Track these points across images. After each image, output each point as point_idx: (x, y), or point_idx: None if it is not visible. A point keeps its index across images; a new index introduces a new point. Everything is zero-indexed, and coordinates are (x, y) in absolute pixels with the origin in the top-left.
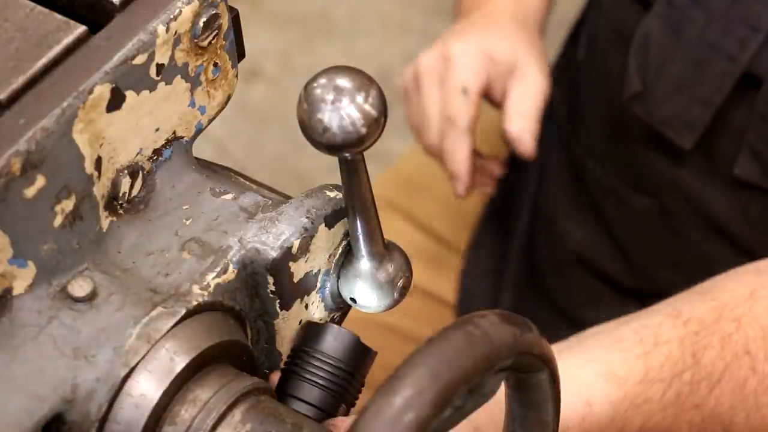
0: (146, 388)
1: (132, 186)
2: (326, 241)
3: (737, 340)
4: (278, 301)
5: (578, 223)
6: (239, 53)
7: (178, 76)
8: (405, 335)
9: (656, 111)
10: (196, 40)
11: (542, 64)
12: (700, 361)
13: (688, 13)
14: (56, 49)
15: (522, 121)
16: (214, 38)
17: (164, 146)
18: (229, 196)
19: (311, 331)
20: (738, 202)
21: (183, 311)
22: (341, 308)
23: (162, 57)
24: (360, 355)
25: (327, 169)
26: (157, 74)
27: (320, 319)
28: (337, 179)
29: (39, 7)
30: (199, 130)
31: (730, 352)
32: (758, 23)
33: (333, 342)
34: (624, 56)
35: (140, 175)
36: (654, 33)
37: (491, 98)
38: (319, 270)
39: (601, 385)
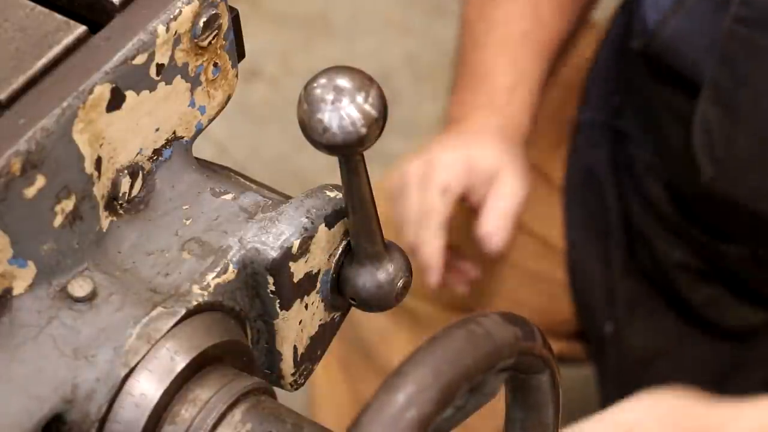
0: (147, 387)
1: (132, 186)
2: (326, 241)
3: None
4: (278, 301)
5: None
6: (239, 53)
7: (178, 76)
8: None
9: (735, 189)
10: (196, 40)
11: (522, 175)
12: None
13: (736, 93)
14: (56, 49)
15: (497, 221)
16: (214, 38)
17: (164, 146)
18: (229, 196)
19: None
20: None
21: (183, 311)
22: (341, 308)
23: (162, 57)
24: None
25: (327, 169)
26: (157, 74)
27: (320, 320)
28: (337, 179)
29: (39, 7)
30: (199, 130)
31: None
32: None
33: None
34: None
35: (140, 175)
36: (711, 117)
37: (470, 204)
38: (319, 270)
39: None
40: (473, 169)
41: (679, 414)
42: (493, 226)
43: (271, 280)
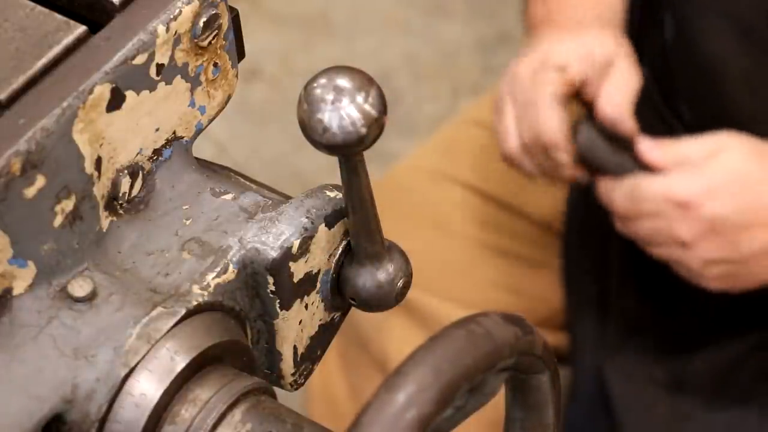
0: (147, 387)
1: (132, 186)
2: (326, 241)
3: None
4: (278, 301)
5: None
6: (239, 53)
7: (178, 76)
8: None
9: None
10: (196, 40)
11: (633, 61)
12: None
13: None
14: (56, 49)
15: (620, 109)
16: (214, 38)
17: (164, 146)
18: (229, 196)
19: None
20: None
21: (183, 311)
22: (341, 308)
23: (162, 57)
24: None
25: (327, 169)
26: (157, 74)
27: (320, 320)
28: (337, 179)
29: (39, 7)
30: (199, 130)
31: None
32: None
33: None
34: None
35: (140, 175)
36: None
37: (583, 97)
38: (319, 270)
39: None
40: (591, 56)
41: (762, 144)
42: (618, 108)
43: (271, 280)
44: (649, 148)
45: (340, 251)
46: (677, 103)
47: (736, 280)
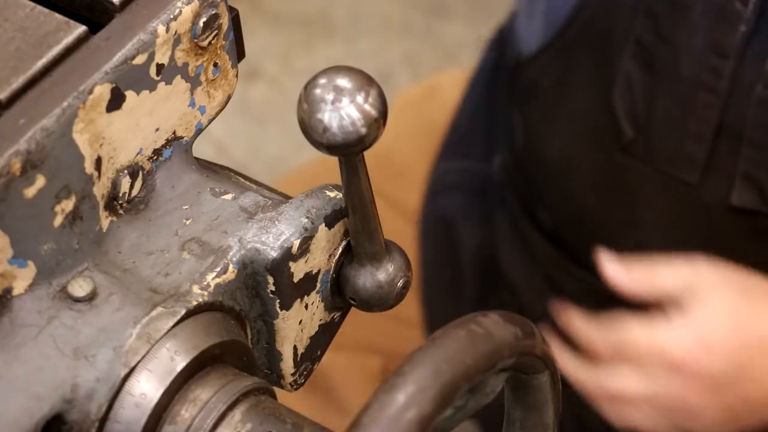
0: (147, 387)
1: (132, 186)
2: (326, 241)
3: None
4: (278, 301)
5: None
6: (239, 53)
7: (178, 76)
8: None
9: (655, 151)
10: (196, 40)
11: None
12: None
13: (657, 50)
14: (56, 49)
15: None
16: (214, 38)
17: (164, 146)
18: (229, 196)
19: None
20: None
21: (183, 311)
22: (341, 308)
23: (162, 57)
24: None
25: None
26: (157, 74)
27: (320, 320)
28: (337, 179)
29: (39, 7)
30: (199, 130)
31: None
32: (726, 49)
33: None
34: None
35: (140, 175)
36: (633, 75)
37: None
38: (319, 270)
39: None
40: None
41: (741, 276)
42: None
43: (271, 280)
44: (613, 269)
45: (340, 251)
46: (536, 210)
47: (737, 422)
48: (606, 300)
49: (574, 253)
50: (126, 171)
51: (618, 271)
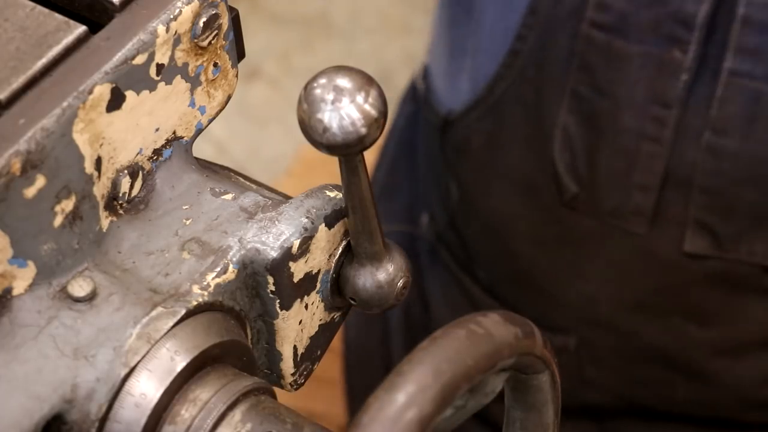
0: (147, 387)
1: (132, 186)
2: (326, 241)
3: None
4: (278, 301)
5: None
6: (239, 53)
7: (178, 76)
8: None
9: (600, 205)
10: (196, 40)
11: None
12: None
13: (596, 103)
14: (56, 49)
15: None
16: (214, 38)
17: (164, 146)
18: (229, 196)
19: None
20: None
21: (183, 311)
22: (341, 308)
23: (162, 57)
24: None
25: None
26: (157, 74)
27: (320, 320)
28: (337, 179)
29: (39, 7)
30: (199, 130)
31: None
32: (668, 99)
33: None
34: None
35: (140, 175)
36: (573, 130)
37: None
38: (319, 270)
39: None
40: None
41: None
42: None
43: (271, 280)
44: None
45: (340, 251)
46: (472, 266)
47: None
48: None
49: (517, 307)
50: (126, 171)
51: None
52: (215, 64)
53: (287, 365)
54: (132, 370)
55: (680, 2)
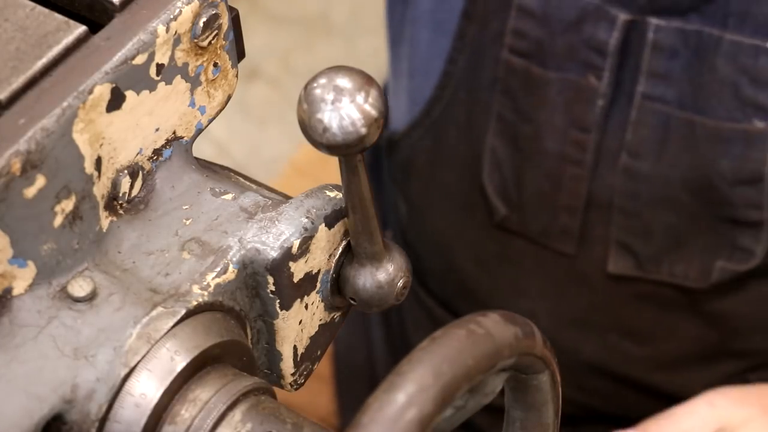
0: (147, 387)
1: (132, 186)
2: (326, 241)
3: None
4: (278, 301)
5: None
6: (239, 53)
7: (178, 76)
8: None
9: (530, 226)
10: (196, 40)
11: None
12: None
13: (519, 127)
14: (56, 49)
15: None
16: (214, 38)
17: (164, 146)
18: (229, 196)
19: None
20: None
21: (183, 311)
22: (341, 308)
23: (162, 57)
24: None
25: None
26: (157, 74)
27: (320, 320)
28: (337, 179)
29: (39, 7)
30: (199, 130)
31: None
32: (587, 124)
33: None
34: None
35: (140, 175)
36: (500, 153)
37: None
38: (319, 270)
39: None
40: None
41: (755, 396)
42: None
43: (271, 280)
44: None
45: (340, 251)
46: (426, 280)
47: None
48: None
49: None
50: (126, 171)
51: None
52: (215, 64)
53: (287, 365)
54: (132, 370)
55: (593, 30)
